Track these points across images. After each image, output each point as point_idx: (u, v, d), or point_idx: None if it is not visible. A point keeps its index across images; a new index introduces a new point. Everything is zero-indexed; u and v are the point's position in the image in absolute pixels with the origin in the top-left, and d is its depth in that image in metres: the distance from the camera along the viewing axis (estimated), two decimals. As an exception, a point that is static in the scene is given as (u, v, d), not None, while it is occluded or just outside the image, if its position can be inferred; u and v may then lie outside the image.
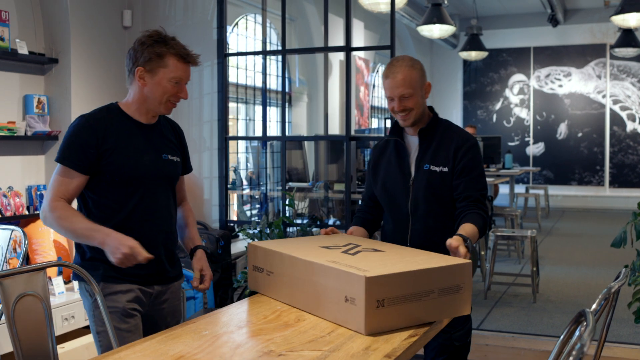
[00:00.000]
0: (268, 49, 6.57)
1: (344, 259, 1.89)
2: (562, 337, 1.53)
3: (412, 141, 2.45)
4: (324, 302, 1.83)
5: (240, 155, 6.37)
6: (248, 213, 6.25)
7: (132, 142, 2.19)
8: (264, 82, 5.41)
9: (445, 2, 7.71)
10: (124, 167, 2.15)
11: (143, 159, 2.20)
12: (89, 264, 2.17)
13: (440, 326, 1.86)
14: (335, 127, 7.83)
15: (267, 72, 5.80)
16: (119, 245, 1.99)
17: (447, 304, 1.85)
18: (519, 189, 11.20)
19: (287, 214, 4.55)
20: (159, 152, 2.25)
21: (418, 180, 2.39)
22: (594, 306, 1.71)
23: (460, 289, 1.87)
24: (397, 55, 2.43)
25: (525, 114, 12.26)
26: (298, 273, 1.93)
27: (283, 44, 4.75)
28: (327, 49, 5.52)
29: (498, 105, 12.45)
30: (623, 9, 7.24)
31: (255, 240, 4.48)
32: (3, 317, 1.88)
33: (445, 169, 2.36)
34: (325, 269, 1.82)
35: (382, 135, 5.75)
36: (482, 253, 5.45)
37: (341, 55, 7.67)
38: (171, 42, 2.15)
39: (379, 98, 10.39)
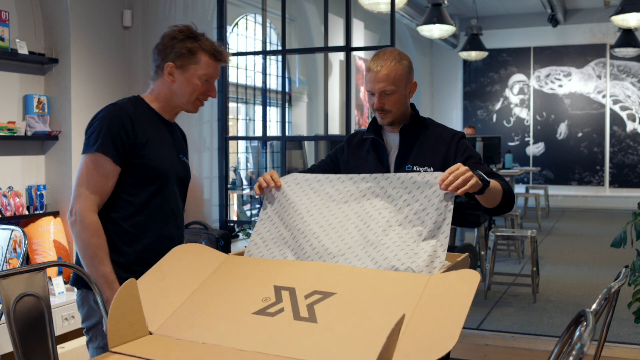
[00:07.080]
0: (268, 49, 6.57)
1: (322, 337, 1.39)
2: (562, 337, 1.53)
3: (392, 139, 2.25)
4: None
5: (240, 155, 6.37)
6: (248, 213, 6.25)
7: (160, 137, 2.08)
8: (264, 82, 5.41)
9: (445, 2, 7.72)
10: (155, 163, 2.04)
11: (170, 156, 2.11)
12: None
13: None
14: (335, 127, 7.83)
15: (267, 72, 5.80)
16: None
17: None
18: (519, 189, 11.20)
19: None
20: (178, 152, 2.17)
21: None
22: (594, 306, 1.71)
23: None
24: (384, 48, 2.21)
25: (525, 114, 12.26)
26: None
27: (283, 44, 4.75)
28: (327, 49, 5.52)
29: (498, 105, 12.45)
30: (623, 9, 7.25)
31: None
32: (3, 317, 1.88)
33: (430, 169, 2.12)
34: None
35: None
36: (482, 253, 5.45)
37: (341, 55, 7.67)
38: (202, 39, 2.06)
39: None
